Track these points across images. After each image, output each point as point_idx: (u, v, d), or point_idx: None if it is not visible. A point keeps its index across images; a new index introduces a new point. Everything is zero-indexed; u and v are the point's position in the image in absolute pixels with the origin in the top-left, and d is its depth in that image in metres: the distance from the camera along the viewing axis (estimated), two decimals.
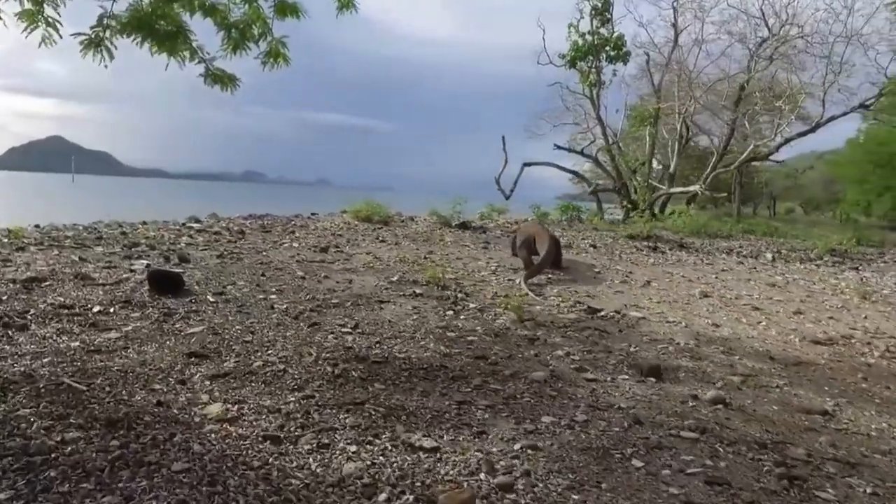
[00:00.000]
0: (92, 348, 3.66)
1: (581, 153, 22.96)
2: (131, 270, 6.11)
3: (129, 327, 4.17)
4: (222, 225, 11.32)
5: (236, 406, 2.92)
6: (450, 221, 14.01)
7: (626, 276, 8.07)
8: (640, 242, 12.93)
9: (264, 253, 8.10)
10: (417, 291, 6.01)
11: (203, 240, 9.08)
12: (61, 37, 4.58)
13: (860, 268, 10.87)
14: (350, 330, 4.53)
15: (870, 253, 13.34)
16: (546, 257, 7.48)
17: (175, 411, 2.82)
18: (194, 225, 11.16)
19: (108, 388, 3.04)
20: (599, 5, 19.70)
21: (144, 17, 4.80)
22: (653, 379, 3.85)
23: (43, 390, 2.94)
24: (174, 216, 13.59)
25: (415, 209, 17.00)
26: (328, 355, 3.82)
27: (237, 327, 4.36)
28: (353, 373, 3.53)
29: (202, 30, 4.97)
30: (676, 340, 4.92)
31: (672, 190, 20.00)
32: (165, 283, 5.32)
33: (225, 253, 7.69)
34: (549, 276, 7.60)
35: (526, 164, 20.53)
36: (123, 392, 3.01)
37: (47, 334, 3.86)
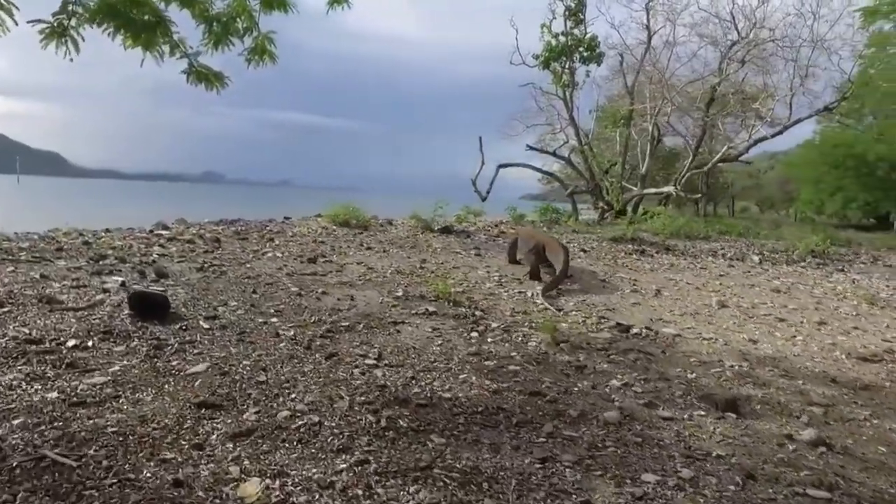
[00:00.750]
0: (75, 400, 2.93)
1: (554, 154, 22.70)
2: (104, 290, 5.31)
3: (116, 367, 3.44)
4: (193, 232, 10.43)
5: (277, 481, 2.28)
6: (431, 225, 13.45)
7: (634, 285, 7.66)
8: (625, 245, 12.64)
9: (248, 265, 7.36)
10: (430, 309, 5.41)
11: (176, 250, 8.25)
12: (16, 23, 3.84)
13: (845, 269, 10.80)
14: (374, 361, 3.91)
15: (844, 253, 13.39)
16: (564, 269, 6.99)
17: (201, 494, 2.17)
18: (163, 232, 10.24)
19: (104, 462, 2.35)
20: (573, 6, 19.44)
21: (118, 4, 4.07)
22: (732, 415, 3.38)
23: (18, 471, 2.24)
24: (135, 221, 12.59)
25: (386, 210, 16.36)
26: (363, 398, 3.20)
27: (245, 363, 3.68)
28: (401, 422, 2.93)
29: (178, 23, 4.28)
30: (726, 362, 4.48)
31: (645, 191, 19.91)
32: (149, 307, 4.58)
33: (205, 266, 6.91)
34: (559, 286, 7.12)
35: (501, 166, 20.11)
36: (126, 466, 2.33)
37: (14, 382, 3.10)
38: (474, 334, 4.74)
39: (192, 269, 6.81)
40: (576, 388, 3.65)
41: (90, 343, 3.81)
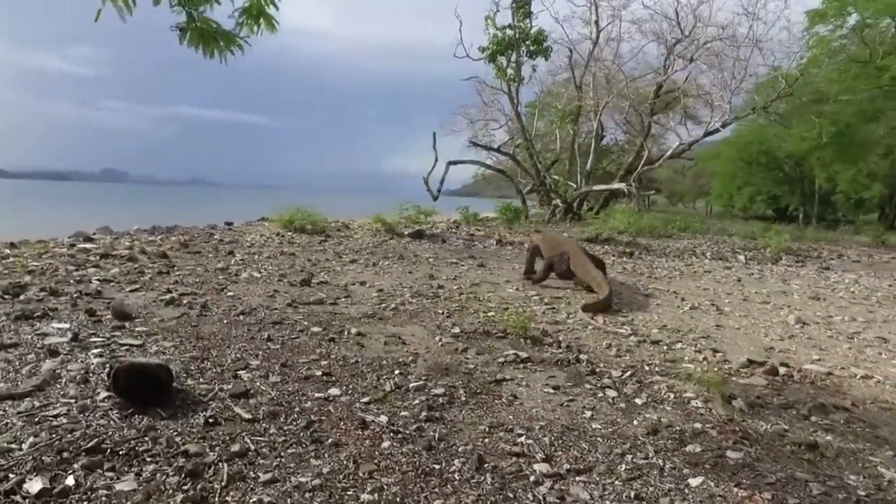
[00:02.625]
0: None
1: (498, 150, 21.73)
2: (51, 352, 3.50)
3: None
4: (128, 245, 8.34)
5: None
6: (396, 229, 11.97)
7: (677, 297, 6.67)
8: (603, 246, 11.82)
9: (228, 292, 5.61)
10: (518, 354, 4.03)
11: (119, 271, 6.31)
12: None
13: (832, 268, 10.53)
14: (545, 465, 2.50)
15: (806, 249, 13.34)
16: (609, 292, 5.80)
17: None
18: (89, 246, 8.07)
19: None
20: None
21: None
22: None
23: None
24: (38, 229, 10.16)
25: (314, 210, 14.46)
26: None
27: (355, 496, 2.16)
28: None
29: None
30: None
31: (596, 187, 19.40)
32: (141, 385, 2.88)
33: (174, 297, 5.12)
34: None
35: (451, 163, 18.83)
36: None
37: None
38: (610, 393, 3.43)
39: (158, 302, 5.00)
40: (850, 483, 2.47)
41: (69, 481, 2.13)
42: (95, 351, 3.59)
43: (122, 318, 4.40)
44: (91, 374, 3.16)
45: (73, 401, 2.81)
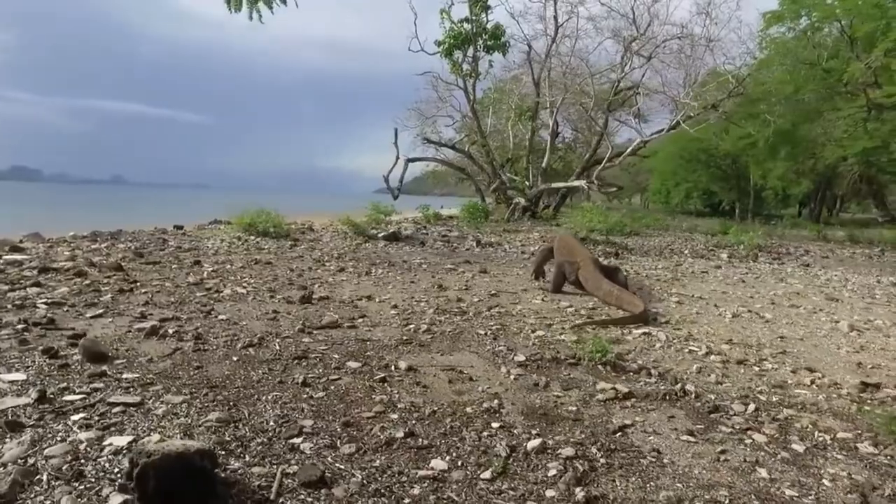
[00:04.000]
0: None
1: (453, 147, 21.02)
2: (10, 425, 2.44)
3: None
4: (68, 255, 7.02)
5: None
6: (365, 231, 11.03)
7: (706, 302, 6.16)
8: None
9: (216, 315, 4.57)
10: (620, 389, 3.27)
11: (69, 290, 5.13)
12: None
13: (810, 265, 10.50)
14: None
15: (771, 245, 13.40)
16: (643, 307, 5.16)
17: None
18: (19, 257, 6.68)
19: None
20: None
21: None
22: None
23: None
24: None
25: (231, 209, 13.40)
26: None
27: None
28: None
29: None
30: None
31: (554, 185, 19.05)
32: (180, 487, 1.91)
33: (156, 325, 4.04)
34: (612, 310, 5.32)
35: (410, 160, 17.94)
36: None
37: None
38: (758, 438, 2.75)
39: (135, 333, 3.92)
40: None
41: None
42: (77, 418, 2.55)
43: (96, 360, 3.31)
44: (84, 463, 2.15)
45: None
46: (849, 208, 37.00)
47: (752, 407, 3.16)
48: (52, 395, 2.77)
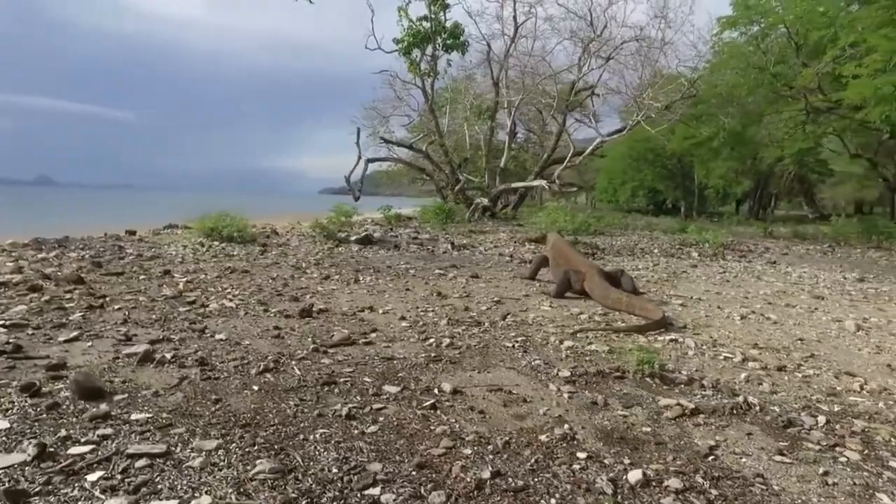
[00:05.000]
0: None
1: (410, 147, 20.63)
2: (8, 495, 1.94)
3: None
4: (12, 265, 6.25)
5: None
6: (335, 234, 10.55)
7: (708, 304, 6.10)
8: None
9: (212, 334, 4.07)
10: (685, 405, 3.05)
11: (28, 308, 4.52)
12: None
13: (777, 262, 10.79)
14: None
15: (735, 243, 13.72)
16: (658, 309, 5.02)
17: None
18: None
19: None
20: None
21: None
22: None
23: None
24: None
25: (177, 212, 12.94)
26: None
27: None
28: None
29: None
30: None
31: (514, 185, 19.01)
32: None
33: (149, 349, 3.51)
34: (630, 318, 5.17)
35: (370, 160, 17.42)
36: None
37: None
38: (852, 457, 2.58)
39: (124, 359, 3.40)
40: None
41: None
42: (95, 478, 2.07)
43: (92, 398, 2.80)
44: None
45: None
46: (780, 206, 39.08)
47: (822, 419, 3.01)
48: (52, 448, 2.26)
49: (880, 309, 6.34)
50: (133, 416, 2.61)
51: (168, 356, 3.46)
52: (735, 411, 3.07)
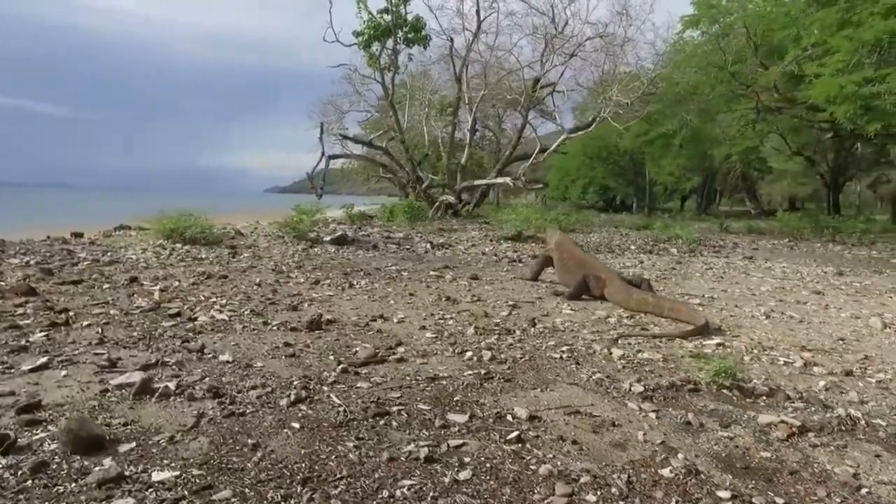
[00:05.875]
0: None
1: (370, 144, 19.94)
2: None
3: None
4: None
5: None
6: (306, 235, 9.86)
7: (727, 303, 5.88)
8: (530, 244, 10.99)
9: (213, 354, 3.44)
10: (790, 422, 2.70)
11: None
12: None
13: (754, 258, 10.83)
14: None
15: (706, 238, 13.76)
16: (698, 314, 4.69)
17: None
18: None
19: None
20: None
21: None
22: None
23: None
24: None
25: (121, 212, 12.08)
26: None
27: None
28: None
29: None
30: None
31: (477, 182, 18.67)
32: None
33: (146, 378, 2.86)
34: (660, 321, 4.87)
35: (331, 157, 16.65)
36: None
37: None
38: None
39: (115, 393, 2.74)
40: None
41: None
42: None
43: (90, 450, 2.17)
44: None
45: None
46: (723, 202, 40.60)
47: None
48: None
49: (883, 304, 6.30)
50: (155, 477, 1.99)
51: (171, 386, 2.81)
52: (843, 427, 2.74)
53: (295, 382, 2.98)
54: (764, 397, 3.12)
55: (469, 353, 3.65)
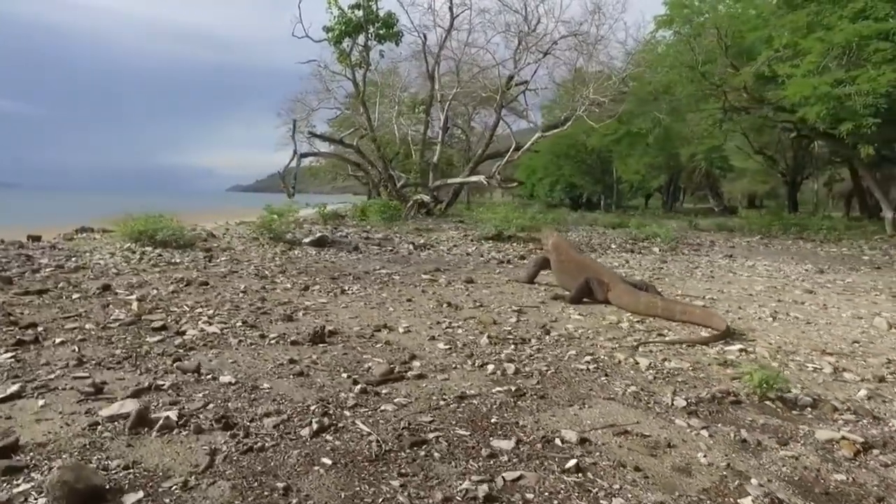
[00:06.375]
0: None
1: (341, 142, 19.47)
2: None
3: None
4: None
5: None
6: (282, 236, 9.45)
7: (730, 304, 5.80)
8: (511, 244, 10.83)
9: (211, 375, 3.09)
10: (852, 438, 2.54)
11: None
12: None
13: (733, 256, 10.89)
14: None
15: (683, 237, 13.83)
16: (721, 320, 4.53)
17: None
18: None
19: None
20: None
21: None
22: None
23: None
24: None
25: (78, 214, 11.59)
26: None
27: None
28: None
29: None
30: None
31: (450, 180, 18.43)
32: None
33: (141, 409, 2.50)
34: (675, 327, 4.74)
35: (303, 155, 16.14)
36: None
37: None
38: None
39: (109, 426, 2.41)
40: None
41: None
42: None
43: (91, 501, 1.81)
44: None
45: None
46: (687, 200, 41.47)
47: None
48: None
49: (875, 303, 6.32)
50: None
51: (172, 416, 2.46)
52: None
53: (312, 407, 2.67)
54: (809, 409, 2.96)
55: (491, 367, 3.39)
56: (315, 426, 2.44)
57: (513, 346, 3.85)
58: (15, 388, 2.75)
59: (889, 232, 15.37)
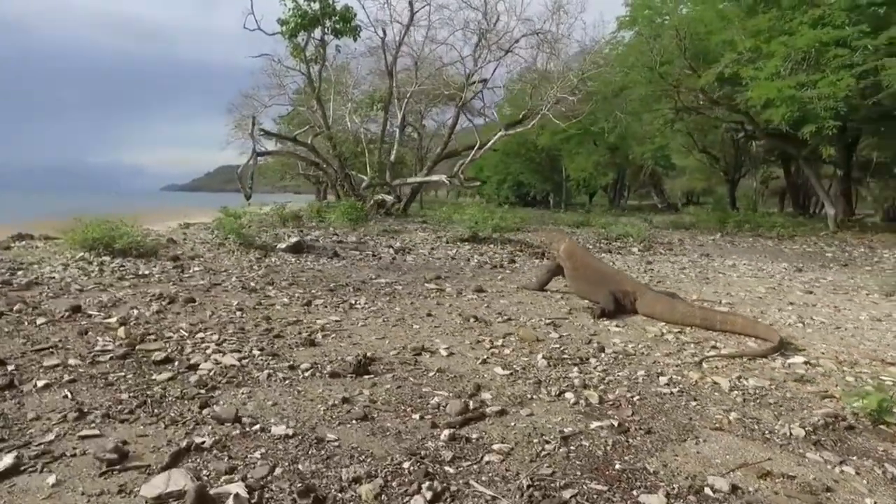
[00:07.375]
0: None
1: (294, 140, 18.54)
2: None
3: None
4: None
5: None
6: (253, 241, 8.74)
7: (746, 309, 5.67)
8: (488, 246, 10.54)
9: (268, 426, 2.54)
10: None
11: None
12: None
13: (710, 255, 10.99)
14: None
15: (653, 237, 13.90)
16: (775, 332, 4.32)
17: None
18: None
19: None
20: None
21: None
22: None
23: None
24: None
25: (6, 217, 10.69)
26: None
27: None
28: None
29: None
30: None
31: (411, 179, 17.93)
32: None
33: (203, 489, 1.95)
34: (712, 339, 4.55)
35: (260, 154, 15.18)
36: None
37: None
38: None
39: (123, 496, 1.82)
40: None
41: None
42: None
43: None
44: None
45: None
46: (631, 197, 42.69)
47: None
48: None
49: (874, 303, 6.41)
50: None
51: (240, 492, 1.93)
52: None
53: (406, 465, 2.19)
54: None
55: (570, 396, 3.01)
56: (428, 494, 1.97)
57: (576, 368, 3.48)
58: (9, 459, 2.12)
59: (832, 228, 16.17)
